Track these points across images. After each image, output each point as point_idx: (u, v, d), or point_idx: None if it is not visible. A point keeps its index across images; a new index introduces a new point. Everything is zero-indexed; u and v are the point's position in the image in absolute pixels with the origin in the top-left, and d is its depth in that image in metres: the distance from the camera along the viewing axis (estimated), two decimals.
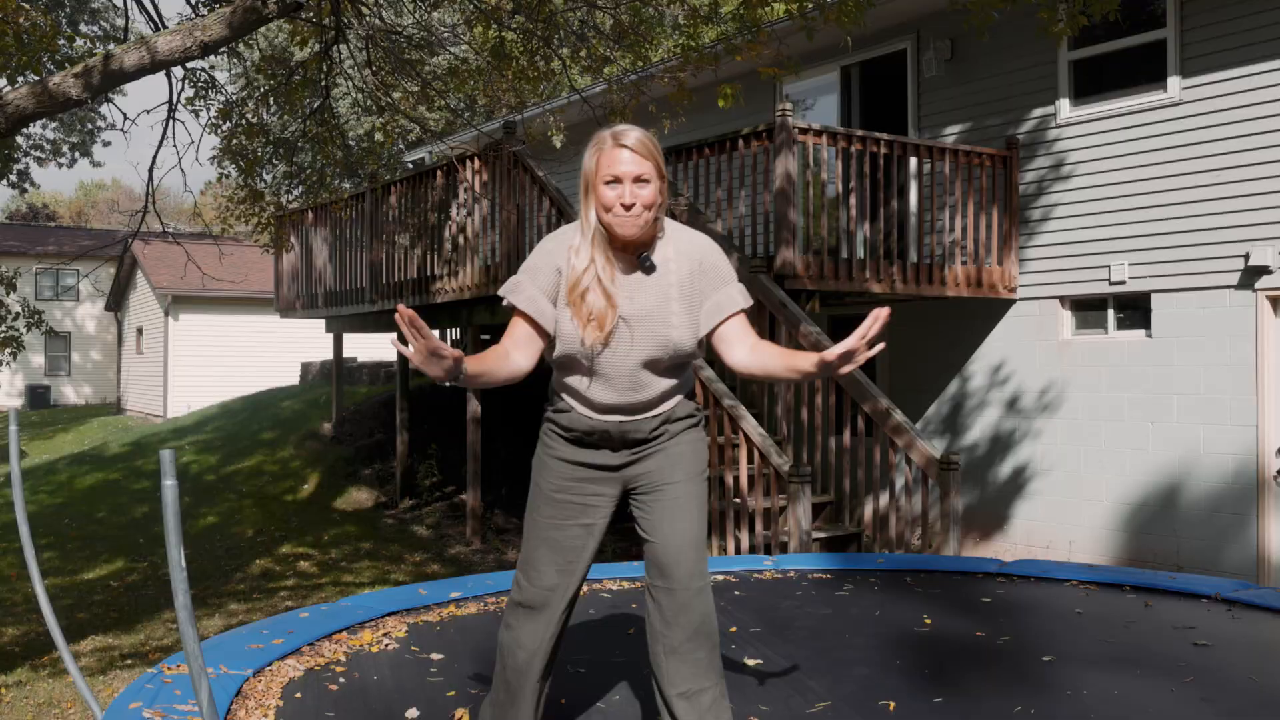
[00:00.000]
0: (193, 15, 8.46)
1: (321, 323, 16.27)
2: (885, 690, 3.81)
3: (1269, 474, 8.51)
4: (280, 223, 13.46)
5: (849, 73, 12.05)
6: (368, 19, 8.30)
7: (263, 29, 16.07)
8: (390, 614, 4.82)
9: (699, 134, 11.72)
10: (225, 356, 25.84)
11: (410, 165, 20.33)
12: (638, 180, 2.84)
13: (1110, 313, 9.65)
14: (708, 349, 3.07)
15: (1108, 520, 9.48)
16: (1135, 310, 9.48)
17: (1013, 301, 10.23)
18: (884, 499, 7.86)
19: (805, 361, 2.84)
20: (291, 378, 21.53)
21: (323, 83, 9.73)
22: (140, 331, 28.98)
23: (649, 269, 2.93)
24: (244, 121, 9.80)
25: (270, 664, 4.07)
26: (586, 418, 3.00)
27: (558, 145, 10.64)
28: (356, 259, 12.96)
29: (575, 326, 2.89)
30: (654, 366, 2.95)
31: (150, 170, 8.16)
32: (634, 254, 2.94)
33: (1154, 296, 9.24)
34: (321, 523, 12.00)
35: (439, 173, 11.38)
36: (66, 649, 3.76)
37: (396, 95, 9.06)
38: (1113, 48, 9.50)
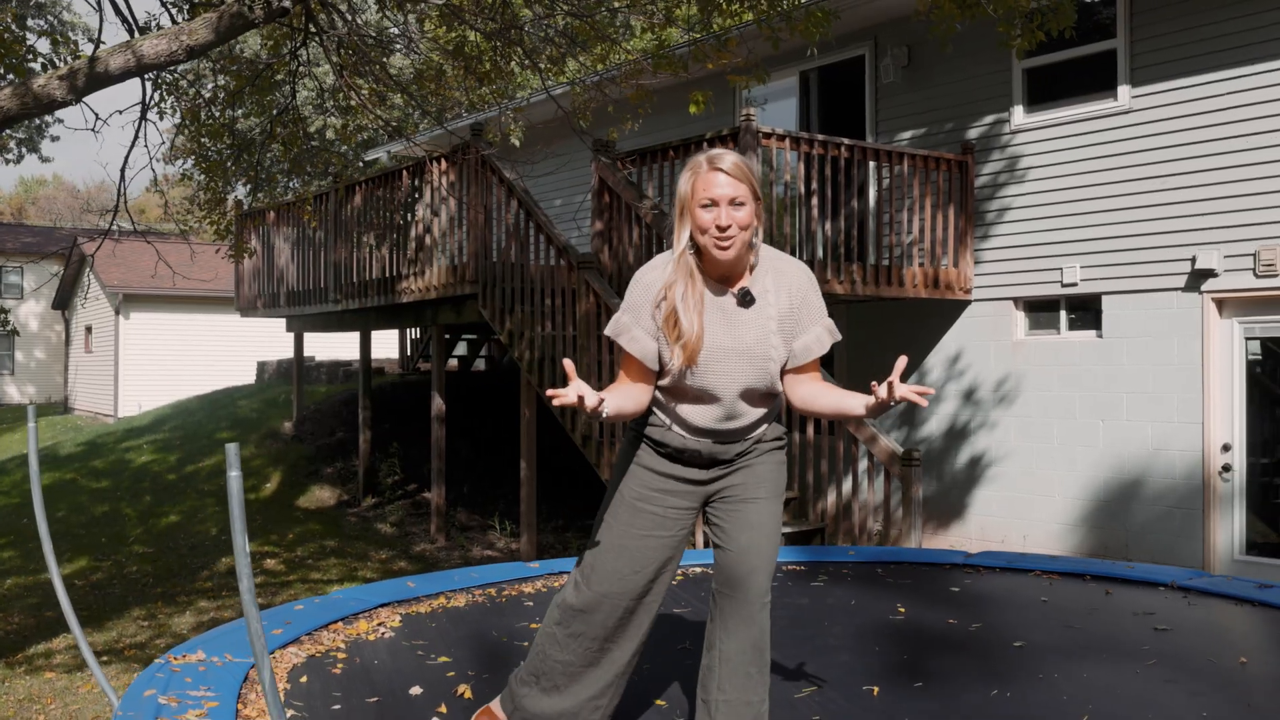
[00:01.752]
0: (164, 16, 8.51)
1: (277, 321, 16.28)
2: (868, 675, 4.01)
3: (1214, 470, 8.83)
4: (241, 223, 13.48)
5: (807, 77, 12.29)
6: (341, 25, 8.40)
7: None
8: (383, 605, 4.95)
9: (662, 135, 11.91)
10: (178, 356, 25.67)
11: (362, 164, 20.31)
12: (733, 202, 2.90)
13: (1062, 314, 9.95)
14: None
15: (1060, 515, 9.78)
16: (1086, 311, 9.78)
17: (968, 302, 10.50)
18: (847, 493, 8.09)
19: (854, 403, 2.93)
20: (246, 377, 21.45)
21: (284, 81, 9.81)
22: (89, 330, 28.69)
23: (749, 303, 2.97)
24: (211, 119, 9.84)
25: (272, 652, 4.20)
26: (680, 437, 3.06)
27: (517, 144, 10.78)
28: (320, 259, 13.01)
29: (669, 353, 2.96)
30: (751, 396, 3.01)
31: (122, 170, 8.19)
32: (732, 285, 3.00)
33: (1104, 298, 9.54)
34: (285, 521, 12.05)
35: (404, 173, 11.47)
36: (84, 639, 3.86)
37: (365, 93, 9.13)
38: (1065, 57, 9.79)
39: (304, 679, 3.93)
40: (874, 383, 2.81)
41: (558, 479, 12.65)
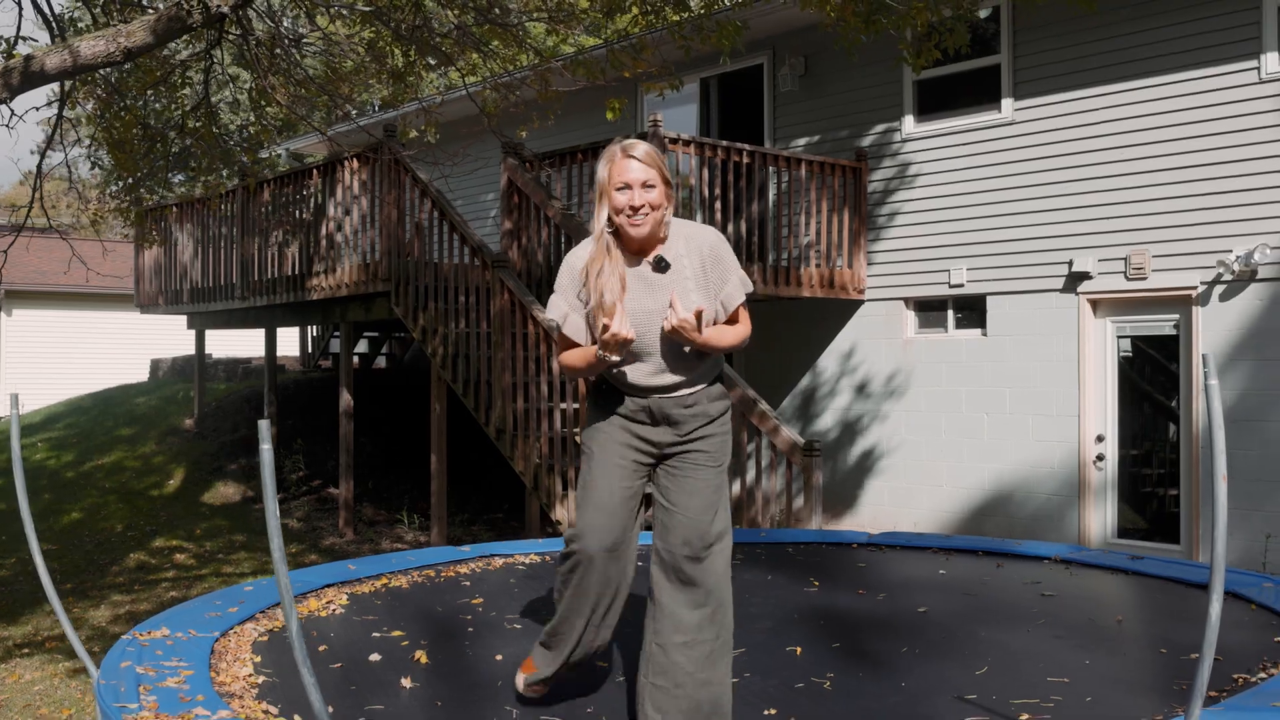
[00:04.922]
0: (78, 10, 8.56)
1: (170, 319, 16.15)
2: (789, 638, 4.40)
3: (1089, 460, 9.47)
4: (143, 216, 13.44)
5: (708, 84, 12.73)
6: (260, 27, 8.56)
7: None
8: (328, 585, 5.20)
9: (569, 139, 12.24)
10: (65, 353, 25.10)
11: (247, 160, 20.15)
12: (645, 185, 3.30)
13: (950, 313, 10.53)
14: None
15: (947, 503, 10.36)
16: (972, 311, 10.38)
17: (861, 302, 11.03)
18: (750, 482, 8.51)
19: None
20: (138, 375, 21.17)
21: (194, 77, 9.90)
22: None
23: (664, 269, 3.36)
24: (124, 112, 9.87)
25: (232, 628, 4.43)
26: (630, 400, 3.40)
27: (433, 140, 11.01)
28: (226, 255, 13.03)
29: (597, 323, 3.34)
30: (679, 352, 3.36)
31: (39, 166, 8.25)
32: (648, 256, 3.39)
33: (989, 299, 10.14)
34: (192, 517, 12.08)
35: (315, 171, 11.60)
36: (65, 617, 4.05)
37: (279, 93, 9.28)
38: (953, 70, 10.37)
39: (267, 650, 4.18)
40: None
41: (466, 475, 12.89)
